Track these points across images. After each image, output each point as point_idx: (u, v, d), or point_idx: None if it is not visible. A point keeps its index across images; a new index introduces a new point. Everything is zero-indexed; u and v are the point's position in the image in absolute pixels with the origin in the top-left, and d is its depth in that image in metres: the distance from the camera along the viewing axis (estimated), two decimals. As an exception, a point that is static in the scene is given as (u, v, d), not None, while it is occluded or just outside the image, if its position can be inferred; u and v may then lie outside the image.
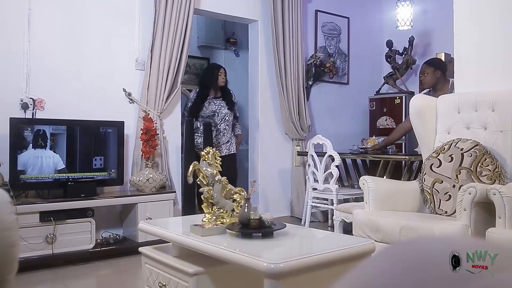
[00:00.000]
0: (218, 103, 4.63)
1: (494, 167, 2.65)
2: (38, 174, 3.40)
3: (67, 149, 3.54)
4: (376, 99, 5.63)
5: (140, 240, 3.53)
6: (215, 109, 4.60)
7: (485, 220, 2.34)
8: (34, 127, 3.42)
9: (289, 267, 1.61)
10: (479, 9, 3.20)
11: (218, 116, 4.60)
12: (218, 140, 4.60)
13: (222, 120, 4.62)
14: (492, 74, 3.09)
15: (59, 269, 3.25)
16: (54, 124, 3.50)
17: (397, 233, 2.52)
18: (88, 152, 3.66)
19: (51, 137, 3.48)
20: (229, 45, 6.55)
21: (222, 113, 4.61)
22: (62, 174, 3.51)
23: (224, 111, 4.62)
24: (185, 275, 1.96)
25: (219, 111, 4.60)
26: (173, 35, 4.12)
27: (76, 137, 3.60)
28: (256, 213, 2.05)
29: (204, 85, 4.66)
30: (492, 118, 2.78)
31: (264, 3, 4.92)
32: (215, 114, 4.59)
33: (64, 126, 3.54)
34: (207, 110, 4.57)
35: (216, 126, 4.60)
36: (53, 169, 3.48)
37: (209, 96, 4.62)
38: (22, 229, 3.05)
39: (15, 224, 1.06)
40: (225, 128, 4.66)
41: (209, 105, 4.59)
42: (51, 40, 3.71)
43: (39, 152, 3.42)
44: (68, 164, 3.54)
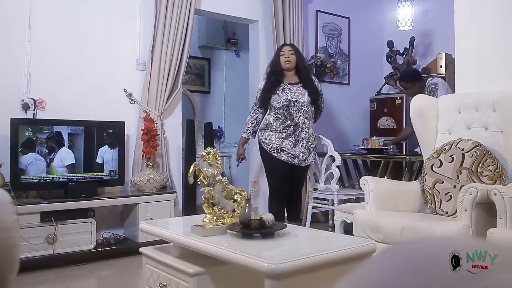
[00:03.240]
0: (295, 89, 3.67)
1: (495, 168, 2.65)
2: (38, 175, 3.41)
3: (68, 149, 3.55)
4: (377, 100, 5.63)
5: (140, 240, 3.53)
6: (291, 97, 3.64)
7: (486, 221, 2.34)
8: (35, 128, 3.42)
9: (290, 268, 1.61)
10: (480, 9, 3.19)
11: (294, 107, 3.63)
12: (296, 138, 3.67)
13: (300, 111, 3.65)
14: (493, 74, 3.09)
15: (60, 269, 3.25)
16: (55, 124, 3.51)
17: (398, 234, 2.51)
18: (89, 152, 3.66)
19: (52, 138, 3.48)
20: (229, 46, 6.55)
21: (300, 102, 3.65)
22: (63, 174, 3.51)
23: (303, 99, 3.66)
24: (186, 276, 1.96)
25: (296, 99, 3.64)
26: (174, 35, 4.12)
27: (77, 137, 3.60)
28: (257, 214, 2.05)
29: (270, 69, 3.81)
30: (493, 118, 2.78)
31: (265, 4, 4.92)
32: (290, 103, 3.63)
33: (65, 126, 3.55)
34: (280, 98, 3.64)
35: (293, 119, 3.64)
36: (54, 169, 3.48)
37: (284, 82, 3.69)
38: (23, 230, 3.05)
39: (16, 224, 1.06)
40: (304, 122, 3.67)
41: (283, 92, 3.66)
42: (52, 41, 3.71)
43: (40, 152, 3.42)
44: (69, 164, 3.54)
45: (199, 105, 6.27)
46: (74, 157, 3.57)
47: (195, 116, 5.99)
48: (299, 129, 3.65)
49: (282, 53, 3.73)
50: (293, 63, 3.69)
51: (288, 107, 3.62)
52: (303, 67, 3.78)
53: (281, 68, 3.70)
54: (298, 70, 3.73)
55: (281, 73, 3.71)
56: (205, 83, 6.41)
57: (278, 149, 3.62)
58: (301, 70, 3.74)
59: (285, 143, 3.62)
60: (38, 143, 3.42)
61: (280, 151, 3.62)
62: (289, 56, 3.69)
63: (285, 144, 3.62)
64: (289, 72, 3.72)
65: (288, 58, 3.69)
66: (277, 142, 3.63)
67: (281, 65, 3.70)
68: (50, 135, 3.48)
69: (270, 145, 3.65)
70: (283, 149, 3.62)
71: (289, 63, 3.68)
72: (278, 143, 3.63)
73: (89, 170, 3.64)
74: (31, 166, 3.37)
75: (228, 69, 6.57)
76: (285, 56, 3.69)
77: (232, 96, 6.46)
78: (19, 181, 3.32)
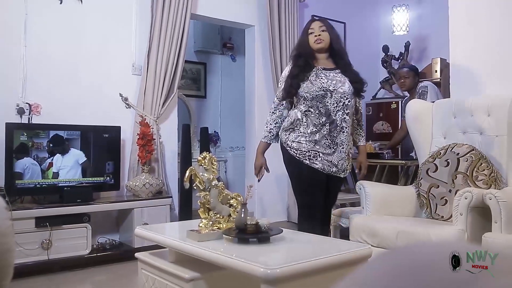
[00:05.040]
0: (332, 76, 2.76)
1: (490, 172, 2.66)
2: (34, 179, 3.39)
3: (63, 154, 3.53)
4: (373, 104, 5.65)
5: (136, 245, 3.51)
6: (327, 85, 2.71)
7: (481, 225, 2.35)
8: (30, 132, 3.41)
9: (286, 273, 1.61)
10: (475, 14, 3.22)
11: (331, 98, 2.70)
12: (333, 140, 2.73)
13: (338, 104, 2.72)
14: (488, 79, 3.11)
15: (55, 275, 3.23)
16: (50, 129, 3.49)
17: (394, 238, 2.52)
18: (81, 155, 3.64)
19: (47, 142, 3.47)
20: (225, 50, 6.56)
21: (339, 92, 2.73)
22: (59, 179, 3.50)
23: (343, 88, 2.74)
24: (181, 281, 1.95)
25: (333, 88, 2.72)
26: (170, 40, 4.13)
27: (72, 142, 3.59)
28: (253, 218, 2.04)
29: (297, 52, 2.91)
30: (487, 123, 2.79)
31: (261, 8, 4.94)
32: (326, 93, 2.70)
33: (60, 131, 3.53)
34: (313, 86, 2.70)
35: (330, 115, 2.71)
36: (49, 174, 3.46)
37: (316, 67, 2.79)
38: (18, 235, 3.03)
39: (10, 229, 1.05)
40: (344, 120, 2.75)
41: (316, 78, 2.73)
42: (48, 45, 3.70)
43: (35, 157, 3.41)
44: (64, 169, 3.53)
45: (195, 110, 6.27)
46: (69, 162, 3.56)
47: (191, 121, 5.99)
48: (337, 128, 2.72)
49: (311, 30, 2.83)
50: (326, 42, 2.81)
51: (323, 98, 2.69)
52: (339, 48, 2.88)
53: (311, 50, 2.82)
54: (333, 52, 2.85)
55: (312, 56, 2.82)
56: (201, 87, 6.41)
57: (311, 154, 2.71)
58: (337, 52, 2.85)
59: (319, 147, 2.71)
60: (35, 148, 3.40)
61: (313, 157, 2.71)
62: (320, 34, 2.80)
63: (319, 148, 2.71)
64: (321, 54, 2.83)
65: (320, 36, 2.79)
66: (309, 146, 2.71)
67: (311, 46, 2.81)
68: (46, 140, 3.46)
69: (299, 149, 2.73)
70: (317, 154, 2.71)
71: (321, 42, 2.79)
72: (309, 146, 2.71)
73: (84, 175, 3.62)
74: (26, 171, 3.35)
75: (224, 74, 6.58)
76: (315, 34, 2.80)
77: (228, 100, 6.47)
78: (14, 186, 3.30)
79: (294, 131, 2.77)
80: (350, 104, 2.76)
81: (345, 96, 2.73)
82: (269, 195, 5.01)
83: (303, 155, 2.72)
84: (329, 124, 2.70)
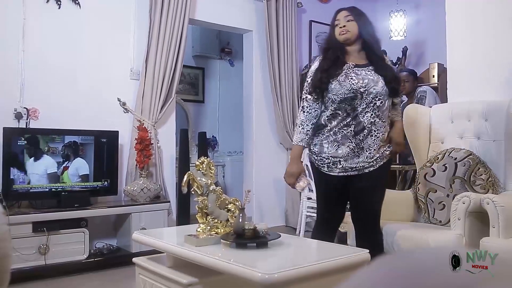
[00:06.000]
0: (364, 74, 2.40)
1: (488, 177, 2.66)
2: (31, 184, 3.38)
3: (61, 158, 3.53)
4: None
5: (134, 250, 3.50)
6: (358, 86, 2.35)
7: (479, 230, 2.35)
8: (28, 137, 3.40)
9: (283, 278, 1.60)
10: (472, 19, 3.23)
11: (362, 99, 2.36)
12: (358, 144, 2.37)
13: (368, 105, 2.36)
14: (485, 84, 3.12)
15: (52, 280, 3.21)
16: (48, 134, 3.49)
17: (392, 243, 2.51)
18: (82, 162, 3.64)
19: (45, 147, 3.46)
20: (223, 55, 6.57)
21: (371, 94, 2.36)
22: (55, 184, 3.49)
23: (376, 88, 2.37)
24: (179, 286, 1.95)
25: (365, 89, 2.36)
26: (168, 44, 4.13)
27: (70, 147, 3.58)
28: (251, 223, 2.04)
29: (326, 45, 2.59)
30: (485, 128, 2.80)
31: (259, 13, 4.95)
32: (356, 95, 2.35)
33: (58, 135, 3.53)
34: (341, 88, 2.36)
35: (356, 116, 2.37)
36: (46, 179, 3.45)
37: (348, 64, 2.43)
38: (15, 240, 3.02)
39: (7, 234, 1.05)
40: (374, 123, 2.37)
41: (346, 79, 2.37)
42: (46, 50, 3.70)
43: (33, 161, 3.40)
44: (61, 174, 3.52)
45: (193, 115, 6.27)
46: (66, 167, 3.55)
47: (189, 126, 5.99)
48: (364, 131, 2.36)
49: (336, 22, 2.50)
50: (353, 33, 2.44)
51: (353, 101, 2.36)
52: (372, 42, 2.49)
53: (339, 43, 2.47)
54: (365, 46, 2.48)
55: (341, 50, 2.47)
56: (199, 92, 6.42)
57: (330, 161, 2.41)
58: (369, 45, 2.47)
59: (342, 151, 2.38)
60: (32, 153, 3.40)
61: (332, 165, 2.41)
62: (346, 25, 2.45)
63: (341, 152, 2.38)
64: (351, 47, 2.48)
65: (345, 28, 2.44)
66: (331, 151, 2.40)
67: (338, 39, 2.48)
68: (44, 145, 3.46)
69: (320, 155, 2.44)
70: (337, 161, 2.40)
71: (346, 33, 2.44)
72: (331, 152, 2.40)
73: (82, 180, 3.62)
74: (24, 176, 3.34)
75: (222, 79, 6.59)
76: (340, 26, 2.46)
77: (226, 105, 6.47)
78: (11, 191, 3.29)
79: (316, 136, 2.47)
80: (382, 106, 2.39)
81: (377, 98, 2.37)
82: (267, 200, 5.00)
83: (322, 162, 2.44)
84: (354, 125, 2.36)
